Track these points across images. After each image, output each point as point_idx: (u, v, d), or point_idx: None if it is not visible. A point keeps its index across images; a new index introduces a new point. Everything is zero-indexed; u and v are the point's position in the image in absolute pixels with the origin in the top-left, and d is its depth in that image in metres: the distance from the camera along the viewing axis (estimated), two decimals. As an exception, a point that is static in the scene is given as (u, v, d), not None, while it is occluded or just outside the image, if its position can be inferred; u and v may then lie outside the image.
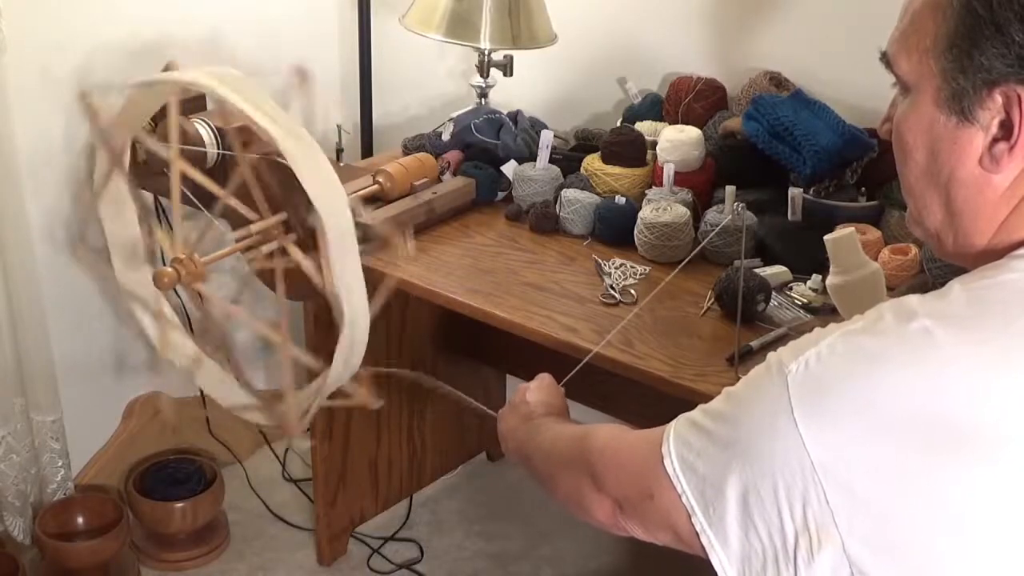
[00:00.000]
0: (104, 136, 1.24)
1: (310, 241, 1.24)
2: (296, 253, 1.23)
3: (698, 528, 0.96)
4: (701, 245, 1.83)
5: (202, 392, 1.43)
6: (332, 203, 1.16)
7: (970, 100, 0.92)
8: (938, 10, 0.93)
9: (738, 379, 0.99)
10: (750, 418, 0.93)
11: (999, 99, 0.91)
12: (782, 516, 0.90)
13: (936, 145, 0.95)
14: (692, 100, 2.18)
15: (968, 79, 0.91)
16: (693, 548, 0.98)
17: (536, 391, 1.43)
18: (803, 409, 0.89)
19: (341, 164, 2.36)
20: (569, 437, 1.22)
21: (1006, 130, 0.91)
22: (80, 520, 2.36)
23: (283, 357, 1.22)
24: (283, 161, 1.15)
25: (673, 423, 1.01)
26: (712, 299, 1.77)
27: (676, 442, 0.99)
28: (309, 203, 1.14)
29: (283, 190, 1.26)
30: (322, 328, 2.08)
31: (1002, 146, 0.92)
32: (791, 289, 1.80)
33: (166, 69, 1.79)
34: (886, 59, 0.99)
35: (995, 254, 0.95)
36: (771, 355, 0.95)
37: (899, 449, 0.86)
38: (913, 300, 0.91)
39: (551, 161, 2.13)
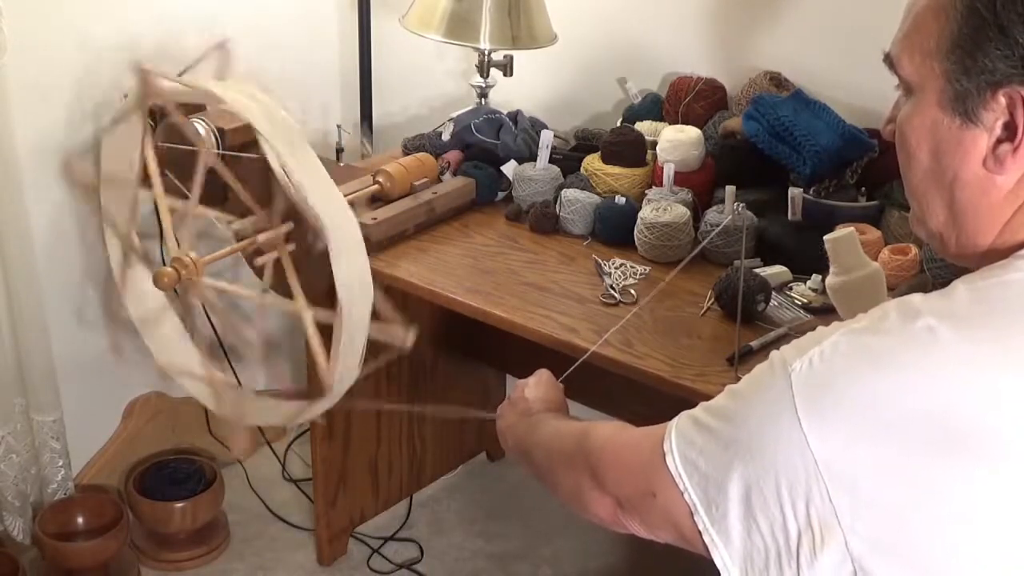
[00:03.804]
0: (109, 218, 1.24)
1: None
2: (289, 264, 1.24)
3: (700, 526, 0.96)
4: (701, 245, 1.83)
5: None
6: (321, 195, 1.16)
7: (974, 101, 0.92)
8: (941, 12, 0.93)
9: (738, 379, 0.99)
10: (753, 416, 0.93)
11: (1003, 100, 0.91)
12: (785, 514, 0.90)
13: (940, 146, 0.95)
14: (692, 100, 2.18)
15: (971, 81, 0.91)
16: (695, 546, 0.98)
17: (535, 387, 1.43)
18: (807, 407, 0.89)
19: (341, 164, 2.36)
20: (569, 434, 1.22)
21: (1010, 131, 0.91)
22: (80, 520, 2.36)
23: (306, 321, 1.21)
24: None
25: (675, 420, 1.01)
26: (712, 299, 1.77)
27: (678, 440, 0.98)
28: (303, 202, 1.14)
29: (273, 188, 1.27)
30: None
31: (1006, 147, 0.92)
32: (791, 289, 1.80)
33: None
34: (889, 60, 0.99)
35: (999, 254, 0.95)
36: (774, 353, 0.95)
37: (902, 448, 0.86)
38: (917, 299, 0.92)
39: (551, 161, 2.13)
